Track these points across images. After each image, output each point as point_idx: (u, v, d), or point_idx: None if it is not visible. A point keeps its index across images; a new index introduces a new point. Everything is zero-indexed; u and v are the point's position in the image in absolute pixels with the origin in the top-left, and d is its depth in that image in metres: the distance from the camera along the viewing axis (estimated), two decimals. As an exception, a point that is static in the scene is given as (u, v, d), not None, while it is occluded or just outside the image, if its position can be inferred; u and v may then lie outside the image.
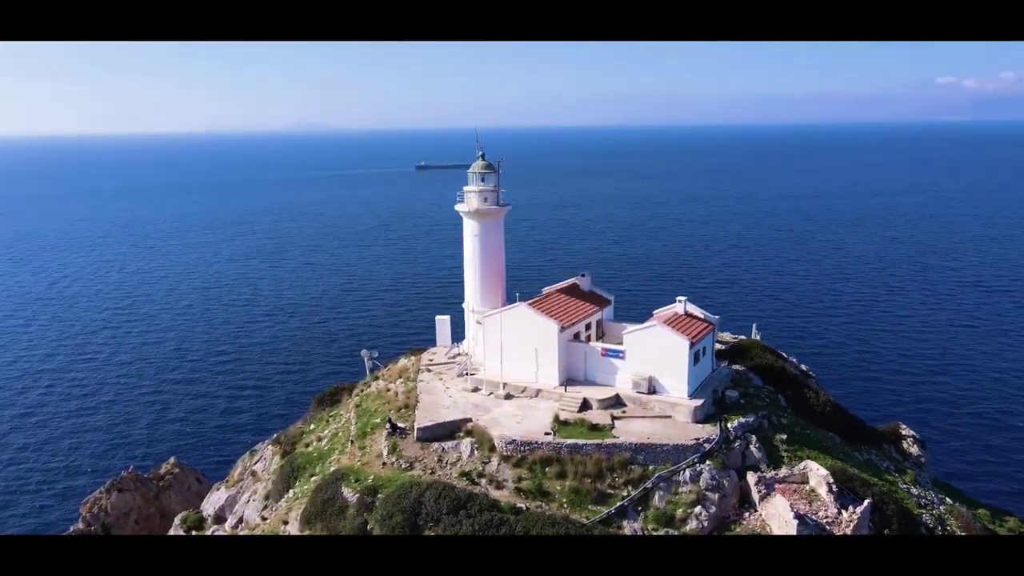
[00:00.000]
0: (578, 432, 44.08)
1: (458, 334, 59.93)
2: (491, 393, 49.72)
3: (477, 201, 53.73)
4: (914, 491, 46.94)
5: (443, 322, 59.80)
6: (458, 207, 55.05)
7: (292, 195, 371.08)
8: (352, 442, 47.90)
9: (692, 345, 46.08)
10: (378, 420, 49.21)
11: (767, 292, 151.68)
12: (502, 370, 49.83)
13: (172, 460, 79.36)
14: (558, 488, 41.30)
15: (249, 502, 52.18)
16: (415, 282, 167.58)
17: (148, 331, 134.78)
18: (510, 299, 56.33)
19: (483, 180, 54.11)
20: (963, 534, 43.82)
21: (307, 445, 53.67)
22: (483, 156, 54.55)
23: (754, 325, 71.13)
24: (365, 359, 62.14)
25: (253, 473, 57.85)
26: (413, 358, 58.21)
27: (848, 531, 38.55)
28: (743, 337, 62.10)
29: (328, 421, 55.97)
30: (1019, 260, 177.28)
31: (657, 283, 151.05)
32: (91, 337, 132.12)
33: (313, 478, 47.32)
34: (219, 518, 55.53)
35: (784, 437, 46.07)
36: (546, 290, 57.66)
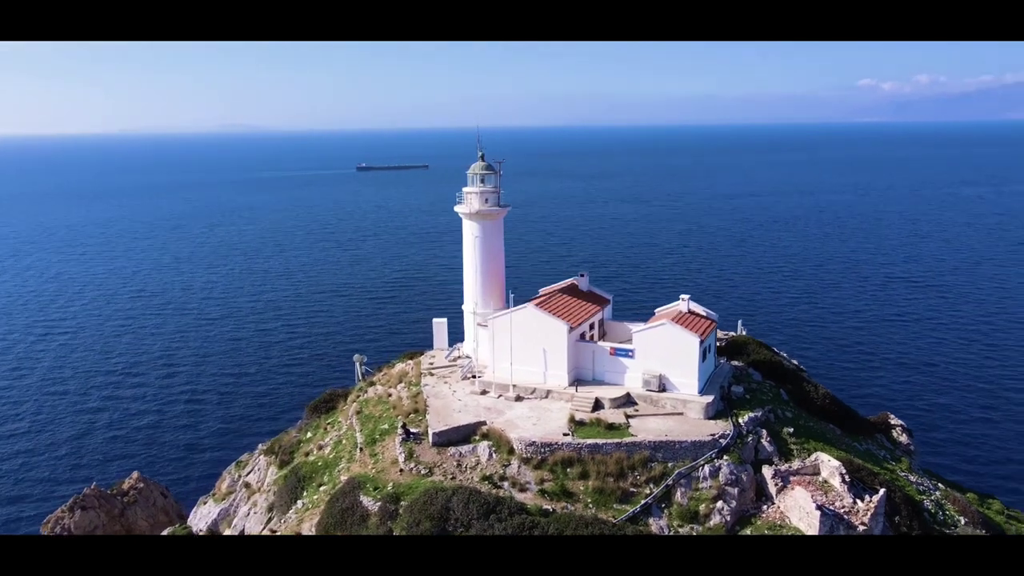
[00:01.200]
0: (596, 432, 44.22)
1: (454, 336, 59.36)
2: (501, 396, 49.42)
3: (478, 202, 53.30)
4: (912, 478, 48.76)
5: (440, 325, 59.11)
6: (458, 208, 54.50)
7: (223, 198, 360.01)
8: (361, 449, 46.88)
9: (701, 342, 46.83)
10: (386, 426, 48.35)
11: (733, 287, 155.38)
12: (511, 372, 49.57)
13: (136, 474, 76.15)
14: (581, 489, 41.35)
15: (250, 515, 50.49)
16: (396, 286, 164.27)
17: (91, 341, 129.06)
18: (509, 300, 56.22)
19: (483, 181, 53.71)
20: (964, 519, 45.76)
21: (307, 454, 52.23)
22: (482, 157, 54.12)
23: (739, 321, 72.67)
24: (357, 365, 60.96)
25: (247, 485, 56.03)
26: (411, 362, 57.37)
27: (866, 520, 39.73)
28: (732, 333, 63.36)
29: (326, 429, 54.62)
30: (937, 255, 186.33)
31: (603, 283, 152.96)
32: (40, 348, 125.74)
33: (322, 488, 46.13)
34: (212, 533, 53.55)
35: (791, 430, 47.23)
36: (543, 291, 57.68)
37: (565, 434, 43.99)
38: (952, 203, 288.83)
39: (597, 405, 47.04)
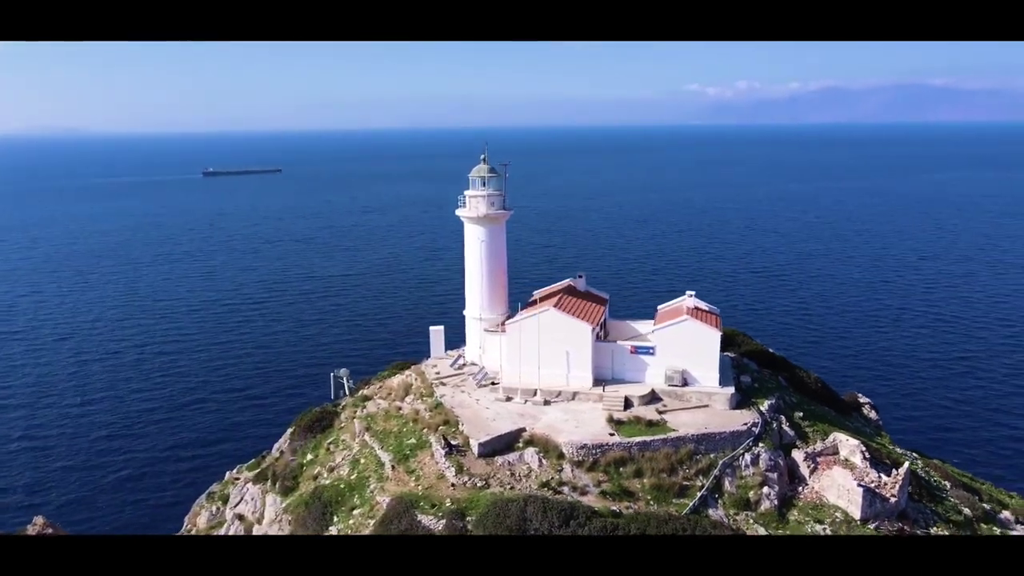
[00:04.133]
0: (638, 430, 44.84)
1: (450, 343, 57.85)
2: (527, 401, 48.82)
3: (485, 206, 52.27)
4: (898, 450, 53.32)
5: (437, 332, 57.31)
6: (461, 212, 53.17)
7: (53, 207, 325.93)
8: (393, 467, 44.70)
9: (721, 336, 48.70)
10: (413, 441, 46.41)
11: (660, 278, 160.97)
12: (539, 376, 49.10)
13: (40, 520, 67.87)
14: (639, 487, 41.79)
15: (264, 548, 46.54)
16: (347, 296, 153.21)
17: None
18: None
19: (486, 184, 52.74)
20: (949, 483, 50.64)
21: (315, 477, 49.03)
22: (485, 159, 53.13)
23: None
24: (344, 379, 57.90)
25: (240, 517, 51.72)
26: (409, 373, 55.26)
27: (895, 492, 43.06)
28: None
29: (329, 449, 51.48)
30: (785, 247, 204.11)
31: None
32: None
33: (356, 511, 43.47)
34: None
35: (801, 414, 50.22)
36: (538, 293, 57.61)
37: (611, 434, 44.28)
38: (780, 200, 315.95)
39: (627, 403, 47.70)
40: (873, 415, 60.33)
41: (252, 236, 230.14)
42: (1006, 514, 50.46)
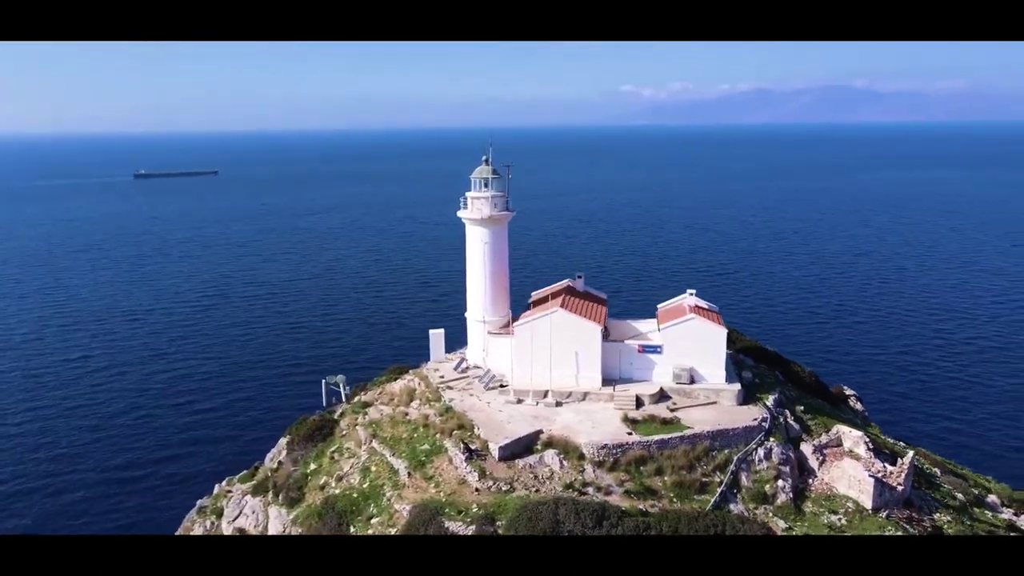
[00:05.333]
0: (654, 428, 45.22)
1: (449, 346, 57.20)
2: (538, 402, 48.66)
3: (489, 208, 51.84)
4: (890, 440, 55.20)
5: (437, 336, 56.54)
6: (463, 214, 52.61)
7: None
8: (409, 474, 43.95)
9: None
10: (427, 447, 45.73)
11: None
12: (551, 377, 48.98)
13: None
14: (660, 485, 42.11)
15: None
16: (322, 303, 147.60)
17: None
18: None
19: (489, 185, 52.32)
20: (938, 470, 52.70)
21: (322, 487, 47.80)
22: (487, 160, 52.68)
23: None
24: (340, 386, 56.65)
25: (240, 531, 49.97)
26: (414, 378, 54.37)
27: (901, 480, 44.53)
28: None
29: (333, 457, 50.25)
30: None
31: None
32: None
33: (374, 520, 42.54)
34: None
35: (801, 408, 51.51)
36: (536, 294, 57.55)
37: (629, 433, 44.53)
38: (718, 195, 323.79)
39: (639, 402, 48.04)
40: (859, 407, 62.38)
41: (196, 241, 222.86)
42: (992, 498, 52.84)
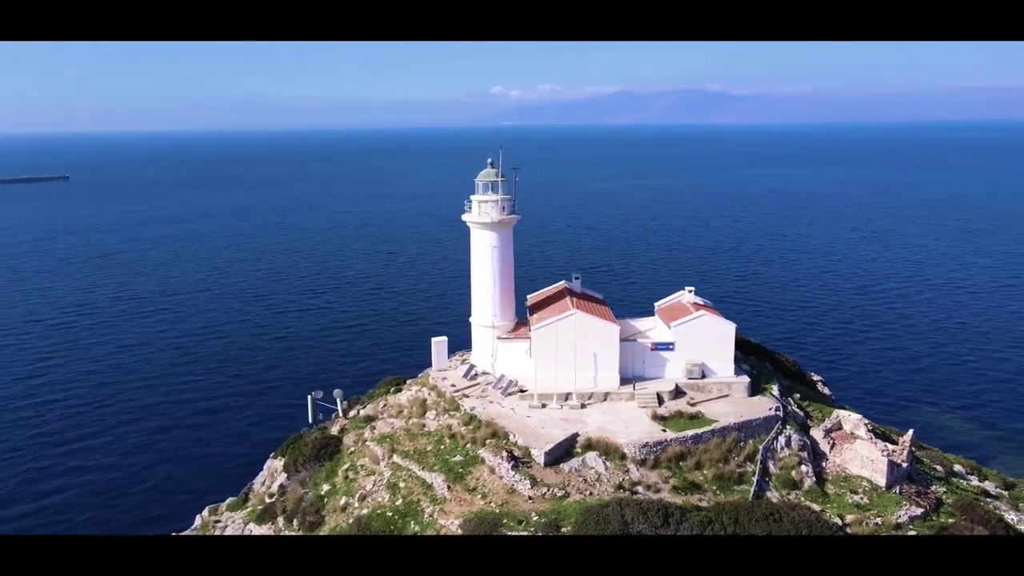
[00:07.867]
0: (683, 424, 46.17)
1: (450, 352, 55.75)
2: (562, 405, 48.41)
3: (496, 212, 50.94)
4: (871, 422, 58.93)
5: (440, 344, 54.80)
6: (468, 218, 51.42)
7: None
8: (449, 487, 42.58)
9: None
10: (460, 458, 44.48)
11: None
12: (575, 380, 48.82)
13: None
14: (701, 479, 43.13)
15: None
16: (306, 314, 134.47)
17: None
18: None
19: (494, 189, 51.46)
20: (916, 451, 56.78)
21: (343, 509, 45.39)
22: (492, 163, 51.75)
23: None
24: (338, 401, 53.95)
25: (251, 562, 46.47)
26: (422, 388, 52.55)
27: (904, 457, 47.82)
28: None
29: (347, 476, 47.79)
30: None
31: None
32: None
33: (419, 538, 40.91)
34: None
35: (798, 395, 54.13)
36: (532, 297, 57.27)
37: (663, 430, 45.22)
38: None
39: (659, 399, 48.85)
40: (827, 391, 66.26)
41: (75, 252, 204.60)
42: (959, 467, 57.67)
